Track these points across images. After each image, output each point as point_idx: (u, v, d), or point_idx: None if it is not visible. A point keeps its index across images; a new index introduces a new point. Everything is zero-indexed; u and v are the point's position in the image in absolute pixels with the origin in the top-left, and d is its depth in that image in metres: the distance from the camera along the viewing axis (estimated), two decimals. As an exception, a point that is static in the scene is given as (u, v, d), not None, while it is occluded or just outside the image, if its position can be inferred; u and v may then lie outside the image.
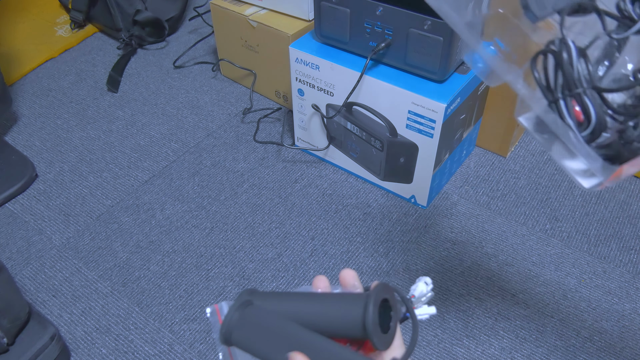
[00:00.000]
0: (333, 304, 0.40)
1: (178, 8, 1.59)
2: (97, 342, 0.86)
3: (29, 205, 1.10)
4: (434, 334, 0.86)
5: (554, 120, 0.41)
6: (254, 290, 0.44)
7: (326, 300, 0.40)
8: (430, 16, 0.84)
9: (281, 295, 0.43)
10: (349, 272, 0.43)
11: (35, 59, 1.49)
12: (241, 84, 1.40)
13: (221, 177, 1.14)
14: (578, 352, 0.84)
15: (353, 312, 0.37)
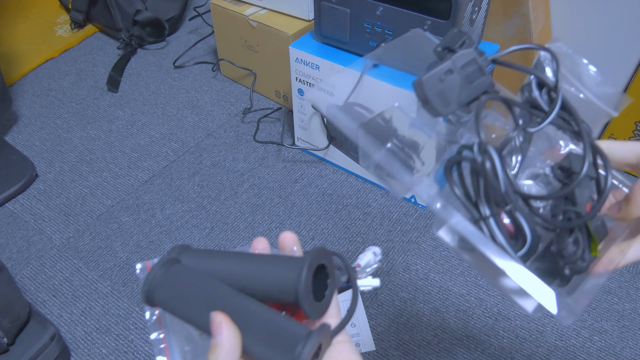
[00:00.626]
0: (266, 266, 0.37)
1: (178, 8, 1.59)
2: (97, 342, 0.86)
3: (29, 205, 1.10)
4: (433, 334, 0.86)
5: (482, 240, 0.36)
6: (186, 247, 0.41)
7: (260, 262, 0.38)
8: (430, 16, 0.84)
9: (214, 253, 0.40)
10: (288, 235, 0.41)
11: (35, 59, 1.49)
12: (241, 83, 1.40)
13: (221, 177, 1.14)
14: (578, 352, 0.84)
15: (286, 276, 0.35)
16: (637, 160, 0.40)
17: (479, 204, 0.38)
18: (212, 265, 0.39)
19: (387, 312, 0.90)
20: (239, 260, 0.38)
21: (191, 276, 0.38)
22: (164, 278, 0.38)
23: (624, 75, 1.04)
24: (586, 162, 0.36)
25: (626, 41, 1.00)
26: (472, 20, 0.88)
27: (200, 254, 0.40)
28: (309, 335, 0.33)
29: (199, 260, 0.40)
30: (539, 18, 1.04)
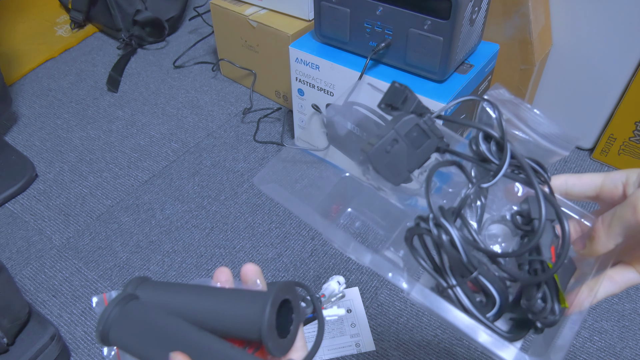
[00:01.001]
0: (228, 302, 0.36)
1: (178, 8, 1.59)
2: (97, 342, 0.86)
3: (29, 205, 1.10)
4: (433, 334, 0.86)
5: (449, 311, 0.36)
6: (144, 280, 0.39)
7: (222, 297, 0.37)
8: (430, 16, 0.83)
9: (174, 287, 0.38)
10: (250, 267, 0.39)
11: (35, 59, 1.49)
12: (241, 83, 1.40)
13: (221, 177, 1.14)
14: (578, 352, 0.84)
15: (249, 313, 0.34)
16: (596, 192, 0.40)
17: (444, 273, 0.38)
18: (171, 300, 0.37)
19: (387, 312, 0.90)
20: (200, 295, 0.37)
21: (149, 313, 0.36)
22: (120, 316, 0.36)
23: (624, 75, 1.04)
24: (543, 217, 0.36)
25: (626, 41, 1.00)
26: (472, 20, 0.88)
27: (159, 288, 0.38)
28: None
29: (158, 294, 0.38)
30: (539, 18, 1.04)
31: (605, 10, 1.00)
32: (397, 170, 0.40)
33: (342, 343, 0.85)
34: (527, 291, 0.37)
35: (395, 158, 0.40)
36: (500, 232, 0.42)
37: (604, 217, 0.37)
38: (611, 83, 1.07)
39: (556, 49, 1.10)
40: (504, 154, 0.38)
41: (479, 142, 0.39)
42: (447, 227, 0.36)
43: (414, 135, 0.40)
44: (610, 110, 1.11)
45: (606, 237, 0.36)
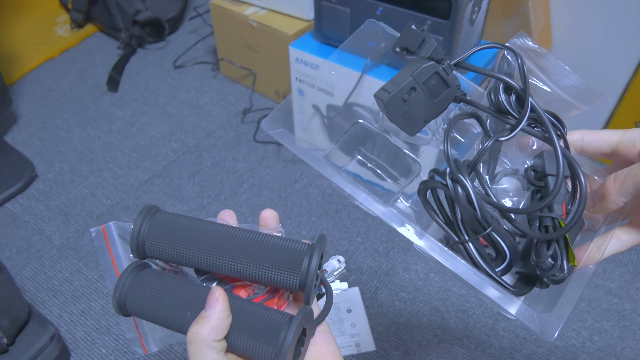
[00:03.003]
0: (267, 249, 0.36)
1: (178, 8, 1.59)
2: (97, 342, 0.86)
3: (29, 205, 1.09)
4: (434, 334, 0.86)
5: (458, 264, 0.36)
6: (155, 211, 0.38)
7: (260, 242, 0.37)
8: (430, 16, 0.84)
9: (190, 222, 0.38)
10: (270, 213, 0.40)
11: (35, 59, 1.49)
12: (241, 83, 1.40)
13: (221, 177, 1.14)
14: (578, 352, 0.84)
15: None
16: (612, 149, 0.39)
17: (456, 227, 0.37)
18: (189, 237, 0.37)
19: (387, 312, 0.89)
20: (228, 236, 0.37)
21: (162, 278, 0.37)
22: (134, 285, 0.36)
23: (624, 75, 1.04)
24: (560, 178, 0.35)
25: (626, 41, 1.00)
26: (472, 20, 0.88)
27: (171, 227, 0.38)
28: (291, 321, 0.33)
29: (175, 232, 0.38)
30: (539, 18, 1.04)
31: (605, 11, 1.00)
32: (413, 120, 0.38)
33: (342, 343, 0.85)
34: (537, 248, 0.37)
35: (412, 107, 0.38)
36: (512, 186, 0.41)
37: (616, 174, 0.36)
38: (611, 83, 1.07)
39: (556, 49, 1.10)
40: (524, 107, 0.36)
41: (498, 93, 0.37)
42: (464, 183, 0.35)
43: (433, 84, 0.37)
44: (611, 110, 1.11)
45: (617, 195, 0.36)
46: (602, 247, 0.38)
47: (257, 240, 0.37)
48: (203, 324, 0.33)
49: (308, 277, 0.35)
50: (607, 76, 1.06)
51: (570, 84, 0.38)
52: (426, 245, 0.37)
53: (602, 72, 1.06)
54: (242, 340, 0.34)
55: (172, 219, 0.38)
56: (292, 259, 0.36)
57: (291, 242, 0.37)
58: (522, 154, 0.41)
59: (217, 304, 0.33)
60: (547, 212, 0.36)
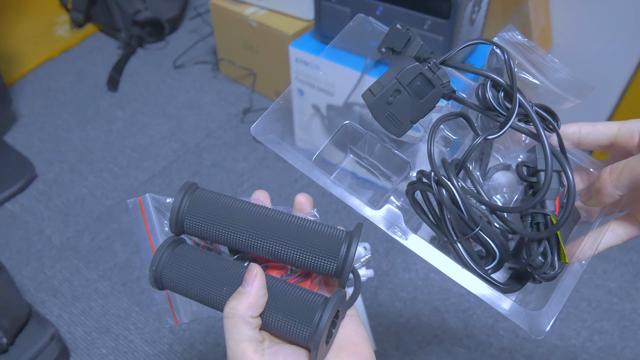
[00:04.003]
0: (308, 234, 0.37)
1: (178, 8, 1.59)
2: (96, 342, 0.86)
3: (29, 205, 1.09)
4: (434, 334, 0.86)
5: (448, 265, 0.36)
6: (195, 188, 0.39)
7: (300, 227, 0.38)
8: (430, 15, 0.84)
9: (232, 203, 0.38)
10: (304, 198, 0.41)
11: (35, 59, 1.49)
12: (241, 83, 1.40)
13: (221, 177, 1.14)
14: (578, 352, 0.84)
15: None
16: (609, 141, 0.39)
17: (445, 228, 0.37)
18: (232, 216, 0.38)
19: (387, 312, 0.89)
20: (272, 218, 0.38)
21: (197, 254, 0.37)
22: (170, 260, 0.37)
23: (624, 75, 1.04)
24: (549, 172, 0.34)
25: (626, 41, 1.00)
26: (472, 20, 0.88)
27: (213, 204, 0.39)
28: (326, 302, 0.34)
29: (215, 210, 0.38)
30: (539, 18, 1.04)
31: (605, 11, 1.00)
32: (399, 122, 0.38)
33: (342, 343, 0.85)
34: (528, 246, 0.37)
35: (397, 109, 0.37)
36: (505, 181, 0.41)
37: (613, 167, 0.36)
38: (611, 83, 1.07)
39: (556, 49, 1.10)
40: (512, 104, 0.35)
41: (486, 90, 0.37)
42: (448, 185, 0.35)
43: (418, 85, 0.37)
44: (611, 110, 1.11)
45: (613, 187, 0.35)
46: (597, 241, 0.38)
47: (296, 224, 0.37)
48: (241, 299, 0.33)
49: (346, 264, 0.36)
50: (607, 76, 1.06)
51: (561, 77, 0.38)
52: (414, 247, 0.37)
53: (602, 72, 1.06)
54: (278, 318, 0.34)
55: (211, 197, 0.38)
56: (330, 245, 0.36)
57: (329, 229, 0.37)
58: (515, 148, 0.41)
59: (255, 281, 0.34)
60: (540, 208, 0.36)
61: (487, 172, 0.41)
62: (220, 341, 0.85)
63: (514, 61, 0.37)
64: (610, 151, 0.40)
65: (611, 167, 0.36)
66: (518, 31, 0.38)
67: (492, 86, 0.37)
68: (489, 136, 0.36)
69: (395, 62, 0.38)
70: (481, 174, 0.41)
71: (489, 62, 0.38)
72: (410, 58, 0.38)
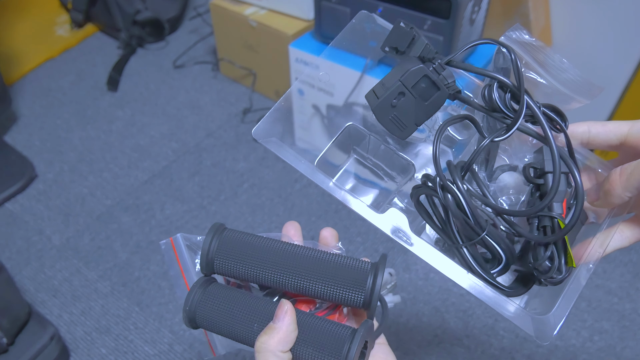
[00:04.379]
0: (334, 269, 0.38)
1: (178, 8, 1.59)
2: (96, 342, 0.86)
3: (29, 205, 1.09)
4: (434, 334, 0.86)
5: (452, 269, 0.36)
6: (222, 232, 0.40)
7: (325, 262, 0.39)
8: (430, 15, 0.83)
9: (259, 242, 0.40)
10: (330, 232, 0.42)
11: (35, 59, 1.49)
12: (241, 83, 1.40)
13: (221, 177, 1.14)
14: (578, 352, 0.84)
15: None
16: (620, 141, 0.38)
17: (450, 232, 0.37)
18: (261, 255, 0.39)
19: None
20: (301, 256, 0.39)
21: (229, 293, 0.39)
22: (203, 299, 0.38)
23: (624, 75, 1.04)
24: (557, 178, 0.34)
25: (626, 42, 1.00)
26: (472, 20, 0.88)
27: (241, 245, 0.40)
28: (354, 334, 0.35)
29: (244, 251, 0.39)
30: (539, 18, 1.04)
31: (605, 11, 1.00)
32: (404, 124, 0.37)
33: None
34: (535, 250, 0.36)
35: (401, 111, 0.37)
36: (512, 182, 0.40)
37: (623, 168, 0.35)
38: (611, 83, 1.07)
39: (556, 49, 1.10)
40: (519, 106, 0.35)
41: (492, 92, 0.36)
42: (453, 190, 0.34)
43: (422, 87, 0.36)
44: (610, 110, 1.11)
45: (622, 189, 0.35)
46: (605, 244, 0.37)
47: (322, 258, 0.39)
48: (272, 334, 0.34)
49: (373, 296, 0.37)
50: (607, 76, 1.06)
51: (569, 78, 0.37)
52: (419, 252, 0.37)
53: (602, 72, 1.06)
54: (307, 352, 0.35)
55: (239, 237, 0.40)
56: (357, 278, 0.37)
57: (355, 261, 0.39)
58: (522, 147, 0.41)
59: (286, 317, 0.35)
60: (547, 211, 0.35)
61: (493, 173, 0.41)
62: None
63: (521, 61, 0.36)
64: (619, 151, 0.40)
65: (621, 168, 0.35)
66: (525, 30, 0.38)
67: (499, 87, 0.36)
68: (495, 138, 0.36)
69: (399, 63, 0.38)
70: (487, 175, 0.41)
71: (496, 62, 0.38)
72: (414, 58, 0.37)
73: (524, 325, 0.35)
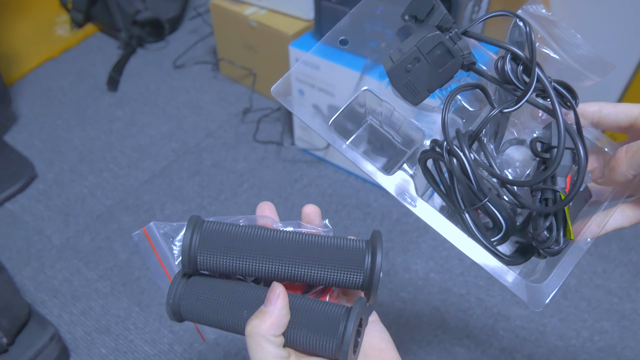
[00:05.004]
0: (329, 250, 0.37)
1: (178, 8, 1.59)
2: (96, 342, 0.86)
3: (29, 205, 1.09)
4: (434, 334, 0.86)
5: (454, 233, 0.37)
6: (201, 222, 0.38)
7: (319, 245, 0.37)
8: (430, 16, 0.84)
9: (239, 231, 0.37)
10: (313, 209, 0.41)
11: (35, 59, 1.49)
12: (241, 83, 1.40)
13: (221, 177, 1.14)
14: (578, 352, 0.84)
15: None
16: (629, 123, 0.38)
17: (454, 197, 0.38)
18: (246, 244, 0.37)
19: (387, 312, 0.89)
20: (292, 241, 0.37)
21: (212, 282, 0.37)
22: (186, 291, 0.37)
23: (624, 75, 1.04)
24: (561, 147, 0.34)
25: (626, 42, 1.00)
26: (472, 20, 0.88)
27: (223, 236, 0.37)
28: (349, 312, 0.34)
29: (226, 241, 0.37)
30: (539, 18, 1.04)
31: (605, 11, 1.00)
32: (417, 90, 0.38)
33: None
34: (535, 220, 0.37)
35: (415, 77, 0.38)
36: (519, 156, 0.41)
37: (629, 145, 0.35)
38: (611, 84, 1.07)
39: (556, 49, 1.10)
40: (530, 79, 0.35)
41: (505, 63, 0.36)
42: (459, 155, 0.35)
43: (437, 54, 0.37)
44: (611, 110, 1.11)
45: (627, 167, 0.35)
46: (604, 221, 0.38)
47: (314, 242, 0.37)
48: (263, 318, 0.33)
49: (374, 276, 0.36)
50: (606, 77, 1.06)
51: (582, 54, 0.38)
52: (422, 214, 0.38)
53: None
54: (302, 334, 0.34)
55: (221, 229, 0.37)
56: (354, 258, 0.36)
57: (348, 241, 0.37)
58: (533, 123, 0.41)
59: (278, 300, 0.33)
60: (550, 184, 0.36)
61: (501, 146, 0.41)
62: (220, 341, 0.85)
63: (536, 35, 0.36)
64: (628, 133, 0.40)
65: (627, 146, 0.35)
66: (542, 4, 0.38)
67: (512, 59, 0.37)
68: (504, 109, 0.36)
69: (416, 32, 0.39)
70: (495, 147, 0.41)
71: (511, 35, 0.38)
72: (432, 27, 0.38)
73: (519, 291, 0.36)
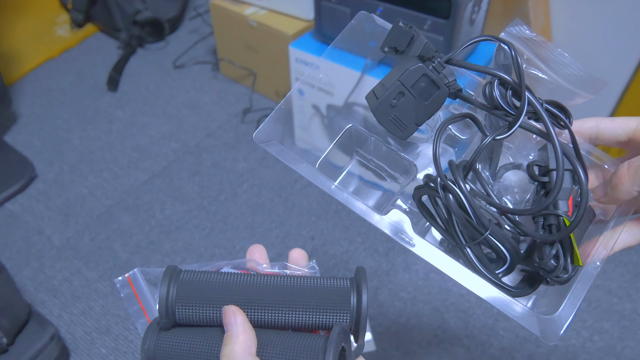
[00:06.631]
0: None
1: (178, 8, 1.59)
2: (96, 342, 0.86)
3: (29, 205, 1.09)
4: (434, 334, 0.86)
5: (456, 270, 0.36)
6: (178, 272, 0.37)
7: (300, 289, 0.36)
8: (430, 15, 0.84)
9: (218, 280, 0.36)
10: (300, 253, 0.40)
11: (35, 59, 1.49)
12: (241, 83, 1.40)
13: (221, 177, 1.14)
14: (578, 352, 0.84)
15: None
16: (628, 137, 0.37)
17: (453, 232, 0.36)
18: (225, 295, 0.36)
19: (387, 312, 0.89)
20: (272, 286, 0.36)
21: (189, 332, 0.36)
22: (159, 343, 0.36)
23: (624, 75, 1.04)
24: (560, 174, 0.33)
25: (626, 41, 1.00)
26: (472, 20, 0.88)
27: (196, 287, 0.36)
28: (327, 342, 0.33)
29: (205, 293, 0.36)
30: (539, 18, 1.04)
31: (605, 11, 1.00)
32: (404, 125, 0.37)
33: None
34: (540, 249, 0.36)
35: (401, 112, 0.37)
36: (516, 180, 0.40)
37: (631, 162, 0.34)
38: (611, 84, 1.07)
39: (556, 49, 1.10)
40: (521, 104, 0.34)
41: (493, 89, 0.35)
42: (455, 190, 0.34)
43: (422, 86, 0.36)
44: (610, 110, 1.11)
45: (631, 184, 0.34)
46: (612, 242, 0.37)
47: (297, 285, 0.36)
48: (233, 342, 0.32)
49: (361, 315, 0.34)
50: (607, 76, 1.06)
51: (572, 72, 0.37)
52: (422, 253, 0.36)
53: (602, 72, 1.06)
54: None
55: (199, 278, 0.36)
56: (339, 299, 0.35)
57: (332, 280, 0.36)
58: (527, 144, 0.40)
59: (237, 318, 0.32)
60: (552, 209, 0.35)
61: (497, 171, 0.40)
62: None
63: (522, 57, 0.35)
64: (627, 148, 0.39)
65: (629, 162, 0.34)
66: (526, 25, 0.37)
67: (500, 84, 0.36)
68: (497, 137, 0.35)
69: (399, 62, 0.38)
70: (491, 173, 0.40)
71: (496, 58, 0.37)
72: (414, 57, 0.37)
73: (531, 325, 0.35)
